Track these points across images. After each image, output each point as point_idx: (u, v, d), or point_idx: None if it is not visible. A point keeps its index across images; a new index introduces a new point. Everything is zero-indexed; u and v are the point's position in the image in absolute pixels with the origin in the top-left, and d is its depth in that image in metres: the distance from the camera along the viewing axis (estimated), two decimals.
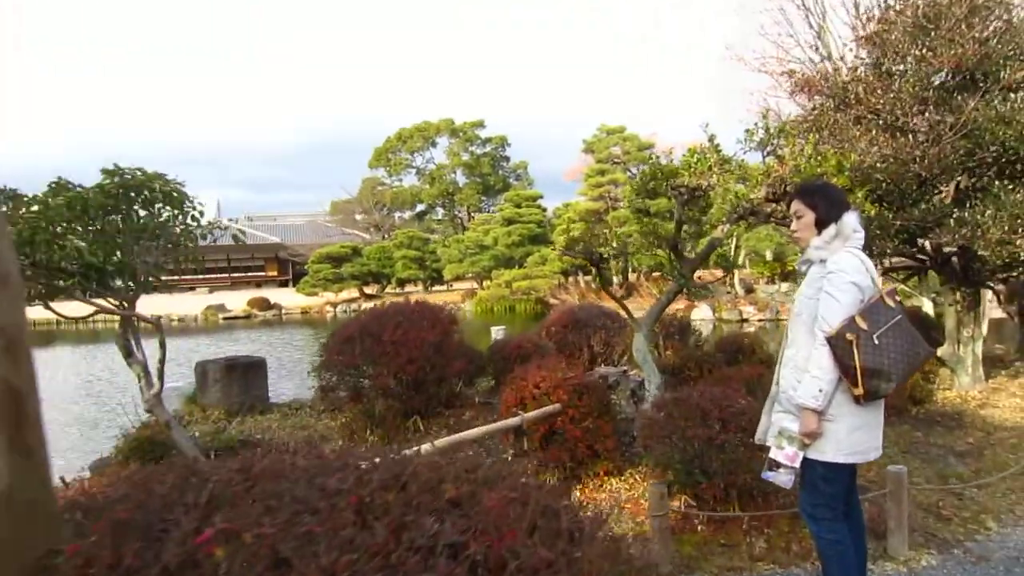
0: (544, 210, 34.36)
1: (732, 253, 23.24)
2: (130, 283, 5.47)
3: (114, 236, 5.20)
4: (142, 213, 5.39)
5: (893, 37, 6.79)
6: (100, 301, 5.16)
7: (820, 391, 2.81)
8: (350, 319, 6.70)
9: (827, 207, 3.02)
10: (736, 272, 23.81)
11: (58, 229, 4.59)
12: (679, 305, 22.19)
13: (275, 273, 52.68)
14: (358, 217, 54.92)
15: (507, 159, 50.44)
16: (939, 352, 7.57)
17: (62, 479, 3.48)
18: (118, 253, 5.22)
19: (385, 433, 6.33)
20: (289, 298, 35.47)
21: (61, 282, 5.05)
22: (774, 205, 5.12)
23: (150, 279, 5.54)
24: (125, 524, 1.49)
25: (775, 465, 2.98)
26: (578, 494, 4.92)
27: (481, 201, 48.27)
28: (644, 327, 5.59)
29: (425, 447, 3.78)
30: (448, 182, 48.89)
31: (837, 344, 2.80)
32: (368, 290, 36.16)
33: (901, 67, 6.73)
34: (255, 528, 1.47)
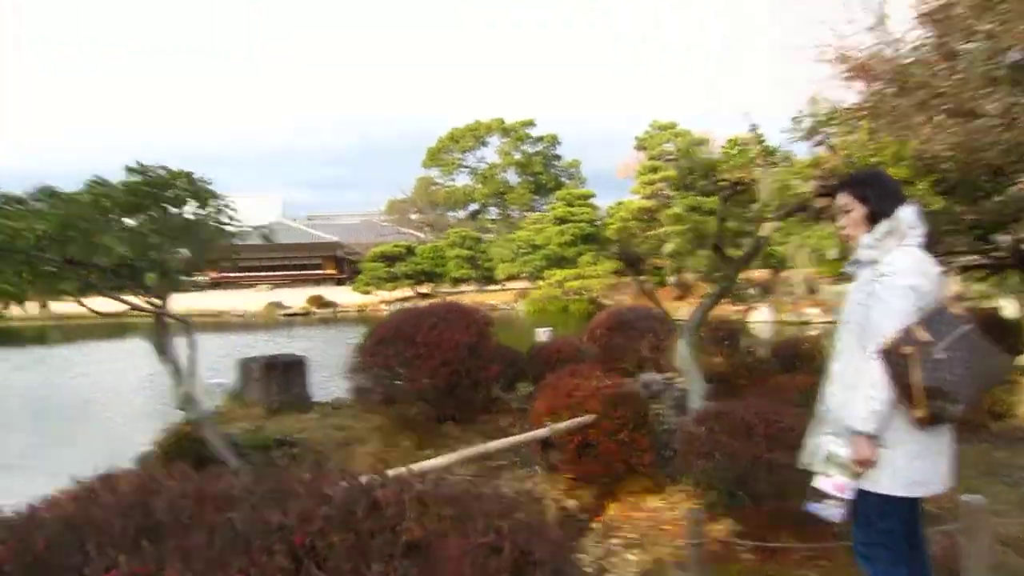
0: (597, 208, 33.89)
1: (792, 251, 22.44)
2: (162, 280, 5.42)
3: (145, 233, 5.17)
4: (172, 211, 5.37)
5: (957, 12, 6.24)
6: (130, 298, 5.11)
7: (872, 412, 2.47)
8: (383, 320, 6.54)
9: (879, 199, 2.66)
10: (798, 272, 22.89)
11: (89, 227, 4.55)
12: (739, 307, 21.49)
13: (333, 271, 53.60)
14: (413, 216, 55.46)
15: (558, 158, 50.12)
16: (1022, 361, 6.96)
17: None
18: (149, 251, 5.19)
19: (418, 437, 6.16)
20: (345, 296, 35.96)
21: (93, 279, 5.06)
22: (826, 200, 4.73)
23: (183, 276, 5.49)
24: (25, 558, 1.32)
25: (821, 495, 2.64)
26: (614, 512, 4.63)
27: (533, 200, 48.05)
28: (687, 332, 5.26)
29: (438, 461, 3.57)
30: (500, 181, 48.86)
31: (891, 358, 2.45)
32: (421, 289, 36.37)
33: (968, 45, 6.18)
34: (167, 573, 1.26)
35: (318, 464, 4.28)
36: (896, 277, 2.50)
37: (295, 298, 34.73)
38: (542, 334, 11.08)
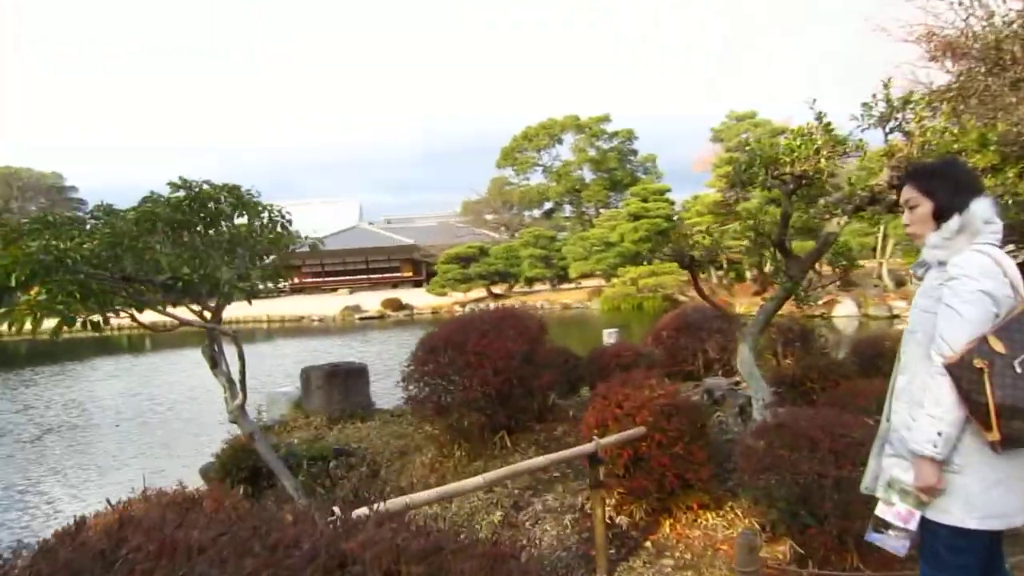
0: (672, 203, 33.07)
1: (879, 242, 21.20)
2: (214, 294, 5.49)
3: (195, 248, 5.25)
4: (224, 224, 5.44)
5: None
6: (180, 312, 5.18)
7: (939, 435, 2.15)
8: (436, 328, 6.45)
9: (949, 193, 2.32)
10: (884, 263, 21.58)
11: (138, 244, 4.64)
12: (820, 300, 20.46)
13: (410, 274, 54.54)
14: (488, 217, 55.70)
15: (634, 152, 49.23)
16: None
17: (107, 500, 3.42)
18: (199, 264, 5.27)
19: (472, 447, 6.03)
20: (420, 298, 36.45)
21: (146, 295, 5.16)
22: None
23: (235, 289, 5.54)
24: None
25: (884, 525, 2.33)
26: (667, 530, 4.36)
27: (608, 197, 47.35)
28: (748, 336, 4.91)
29: (476, 480, 3.40)
30: (574, 179, 48.40)
31: (962, 373, 2.13)
32: (496, 289, 36.45)
33: None
34: None
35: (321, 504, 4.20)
36: (967, 281, 2.17)
37: (371, 301, 35.45)
38: (609, 335, 10.80)
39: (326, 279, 54.60)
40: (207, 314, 5.46)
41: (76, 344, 22.99)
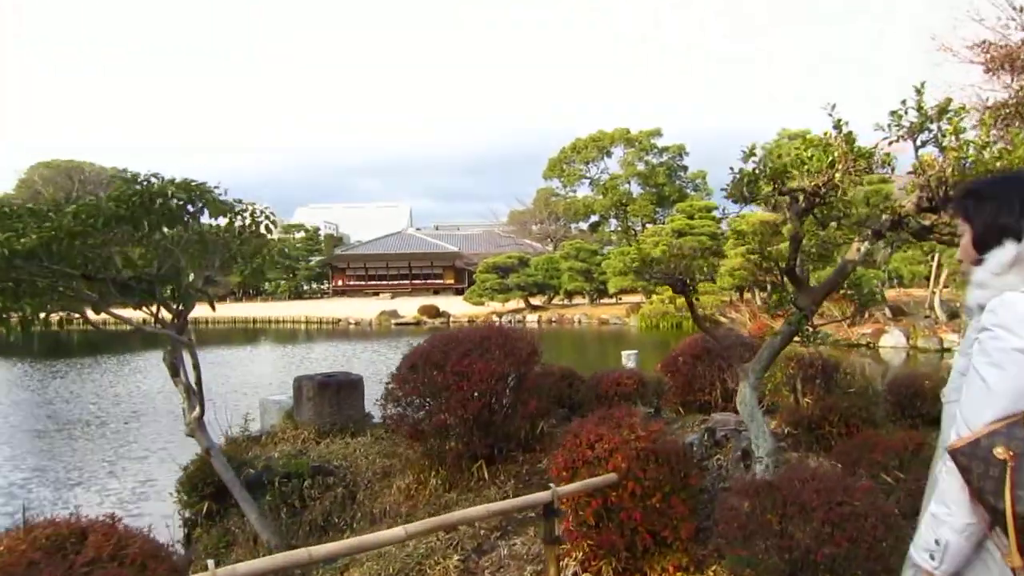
0: (719, 221, 32.09)
1: (933, 270, 19.91)
2: (177, 296, 5.14)
3: (156, 247, 4.91)
4: (191, 224, 5.09)
5: None
6: (123, 312, 4.83)
7: (937, 544, 1.60)
8: (418, 344, 5.98)
9: (991, 216, 1.74)
10: (937, 292, 20.26)
11: (79, 241, 4.30)
12: (865, 330, 19.31)
13: (452, 281, 54.50)
14: (534, 228, 55.36)
15: (684, 168, 48.25)
16: None
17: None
18: (158, 264, 4.93)
19: (449, 476, 5.54)
20: (458, 306, 36.19)
21: (105, 294, 4.84)
22: (933, 216, 3.66)
23: (196, 292, 5.18)
24: None
25: None
26: None
27: (655, 212, 46.48)
28: (751, 373, 4.30)
29: (396, 533, 2.90)
30: (621, 192, 47.65)
31: (973, 464, 1.56)
32: (534, 301, 35.93)
33: None
34: None
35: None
36: (1000, 334, 1.58)
37: (409, 307, 35.35)
38: (628, 358, 10.21)
39: (369, 283, 54.96)
40: (165, 315, 5.10)
41: (117, 337, 23.34)
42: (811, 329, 3.95)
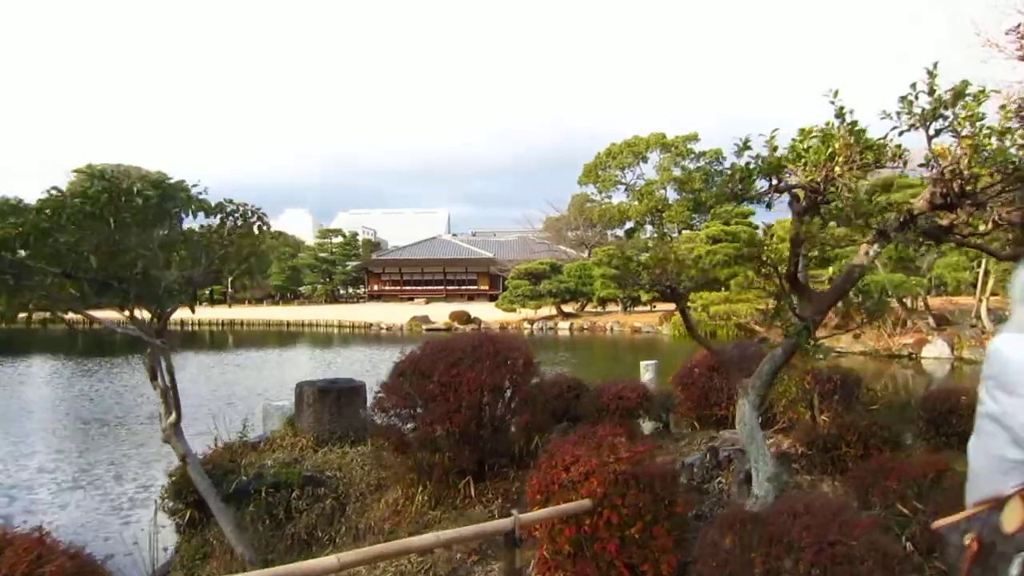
0: (756, 227, 31.23)
1: (980, 276, 18.88)
2: (156, 297, 4.95)
3: (127, 246, 4.73)
4: (172, 223, 4.92)
5: None
6: (97, 313, 4.66)
7: None
8: (411, 351, 5.70)
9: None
10: (984, 301, 19.22)
11: (47, 237, 4.14)
12: (907, 339, 18.42)
13: (486, 287, 54.34)
14: (569, 234, 54.88)
15: (721, 174, 47.15)
16: None
17: None
18: (130, 264, 4.75)
19: (435, 491, 5.25)
20: (490, 313, 35.94)
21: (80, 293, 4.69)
22: (951, 214, 3.25)
23: (175, 294, 4.98)
24: None
25: None
26: None
27: (692, 218, 45.56)
28: (751, 391, 3.92)
29: (329, 561, 2.62)
30: (657, 198, 46.89)
31: (947, 546, 1.25)
32: (566, 308, 35.49)
33: None
34: None
35: None
36: (983, 397, 1.26)
37: (441, 313, 35.23)
38: (646, 368, 9.77)
39: (404, 288, 55.14)
40: (143, 315, 4.91)
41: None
42: (813, 343, 3.55)
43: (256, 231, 5.55)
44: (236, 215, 5.36)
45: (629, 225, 50.29)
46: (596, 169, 50.41)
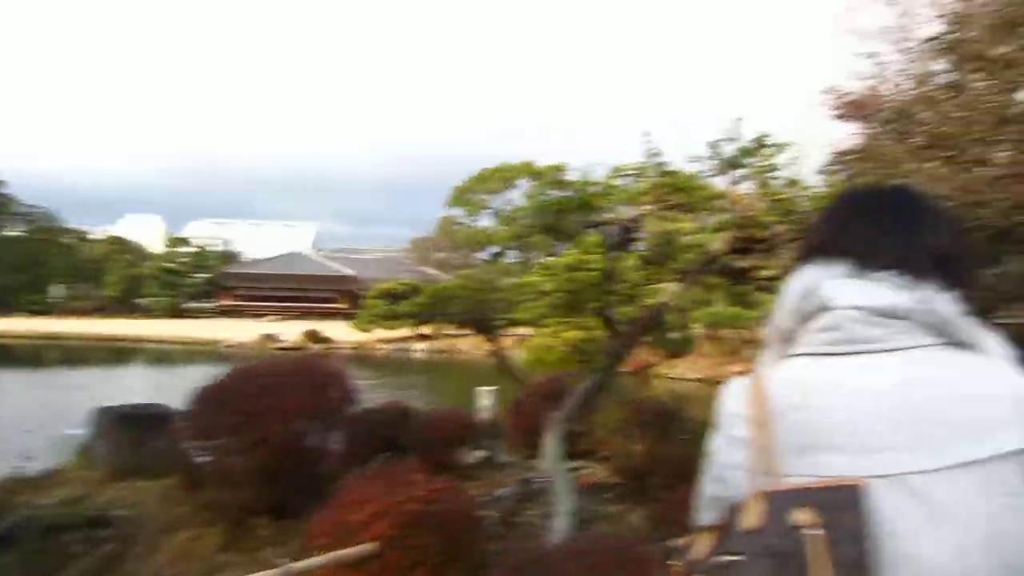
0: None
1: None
2: None
3: None
4: None
5: (971, 36, 4.90)
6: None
7: None
8: (218, 376, 5.23)
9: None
10: None
11: None
12: (739, 368, 19.61)
13: (346, 306, 52.82)
14: (435, 256, 54.74)
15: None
16: None
17: None
18: None
19: (229, 532, 4.77)
20: (343, 333, 34.84)
21: None
22: (746, 257, 3.32)
23: None
24: None
25: None
26: None
27: (554, 246, 46.83)
28: (557, 424, 3.83)
29: None
30: (522, 225, 47.83)
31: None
32: (424, 330, 35.10)
33: (978, 77, 4.85)
34: None
35: None
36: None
37: (293, 331, 33.74)
38: (485, 395, 9.66)
39: (257, 304, 52.49)
40: None
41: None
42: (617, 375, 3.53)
43: (64, 240, 4.90)
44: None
45: (494, 250, 50.92)
46: (466, 193, 50.69)
